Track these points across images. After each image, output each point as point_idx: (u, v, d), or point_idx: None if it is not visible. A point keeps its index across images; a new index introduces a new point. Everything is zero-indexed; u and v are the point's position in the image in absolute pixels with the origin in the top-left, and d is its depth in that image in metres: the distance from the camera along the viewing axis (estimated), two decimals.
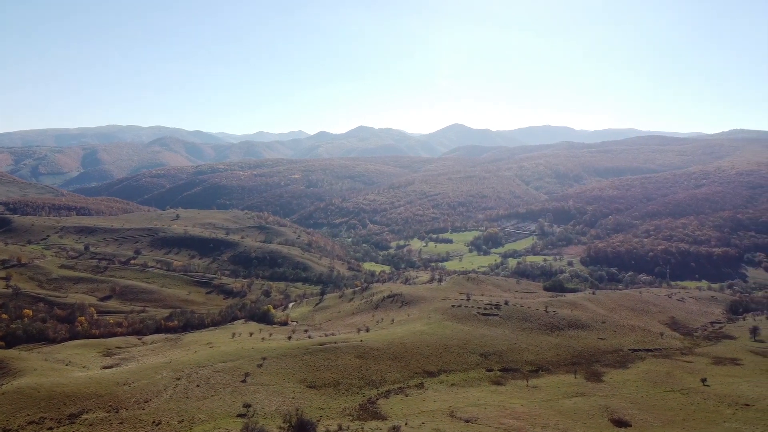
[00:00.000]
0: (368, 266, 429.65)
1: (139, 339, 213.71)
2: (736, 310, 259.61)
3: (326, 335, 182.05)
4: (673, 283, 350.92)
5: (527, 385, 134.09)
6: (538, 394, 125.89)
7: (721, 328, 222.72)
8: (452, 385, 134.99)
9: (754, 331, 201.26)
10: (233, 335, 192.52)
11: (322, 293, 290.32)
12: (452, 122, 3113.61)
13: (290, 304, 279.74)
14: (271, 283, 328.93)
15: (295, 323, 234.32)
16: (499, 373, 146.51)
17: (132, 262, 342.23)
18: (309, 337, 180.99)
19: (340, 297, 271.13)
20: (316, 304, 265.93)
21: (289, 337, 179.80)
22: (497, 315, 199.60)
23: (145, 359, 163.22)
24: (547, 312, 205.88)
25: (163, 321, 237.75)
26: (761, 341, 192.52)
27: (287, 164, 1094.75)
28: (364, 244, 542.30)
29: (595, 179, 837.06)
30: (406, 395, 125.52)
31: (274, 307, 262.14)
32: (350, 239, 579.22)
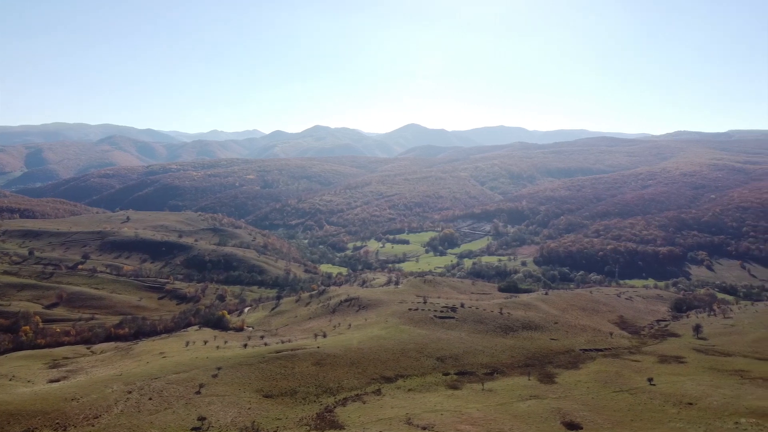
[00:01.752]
0: (325, 268, 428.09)
1: (88, 348, 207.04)
2: (680, 308, 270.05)
3: (283, 342, 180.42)
4: (621, 281, 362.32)
5: (483, 389, 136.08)
6: (494, 398, 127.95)
7: (666, 326, 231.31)
8: (409, 390, 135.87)
9: (697, 328, 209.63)
10: (187, 344, 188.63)
11: (279, 297, 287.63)
12: (408, 122, 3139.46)
13: (246, 309, 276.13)
14: (225, 287, 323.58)
15: (251, 329, 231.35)
16: (455, 376, 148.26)
17: (80, 267, 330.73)
18: (265, 344, 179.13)
19: (297, 301, 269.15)
20: (273, 309, 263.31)
21: (245, 345, 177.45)
22: (453, 318, 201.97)
23: (95, 371, 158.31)
24: (501, 314, 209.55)
25: (113, 329, 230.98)
26: (704, 338, 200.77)
27: (242, 164, 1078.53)
28: (320, 246, 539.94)
29: (547, 180, 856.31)
30: (364, 402, 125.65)
31: (229, 312, 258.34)
32: (307, 241, 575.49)
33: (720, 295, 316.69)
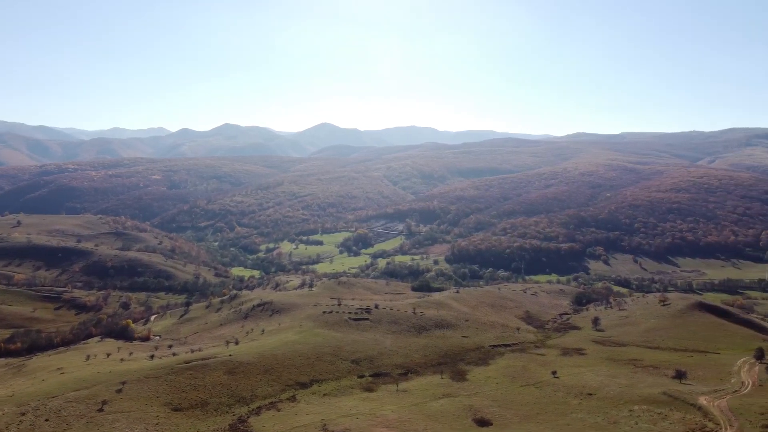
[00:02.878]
0: (237, 271, 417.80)
1: None
2: (580, 302, 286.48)
3: (193, 351, 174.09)
4: (527, 277, 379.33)
5: (397, 390, 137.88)
6: (408, 398, 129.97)
7: (568, 319, 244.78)
8: (325, 395, 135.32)
9: (596, 321, 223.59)
10: (88, 357, 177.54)
11: (188, 303, 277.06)
12: (321, 121, 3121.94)
13: (152, 317, 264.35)
14: (130, 294, 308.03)
15: (158, 338, 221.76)
16: (370, 378, 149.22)
17: None
18: (174, 354, 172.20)
19: (207, 307, 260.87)
20: (181, 316, 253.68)
21: (152, 356, 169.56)
22: (368, 319, 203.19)
23: None
24: (415, 313, 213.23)
25: (2, 344, 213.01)
26: (601, 330, 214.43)
27: (147, 164, 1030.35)
28: (232, 248, 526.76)
29: (458, 179, 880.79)
30: (279, 410, 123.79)
31: (134, 321, 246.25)
32: (217, 243, 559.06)
33: (616, 288, 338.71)
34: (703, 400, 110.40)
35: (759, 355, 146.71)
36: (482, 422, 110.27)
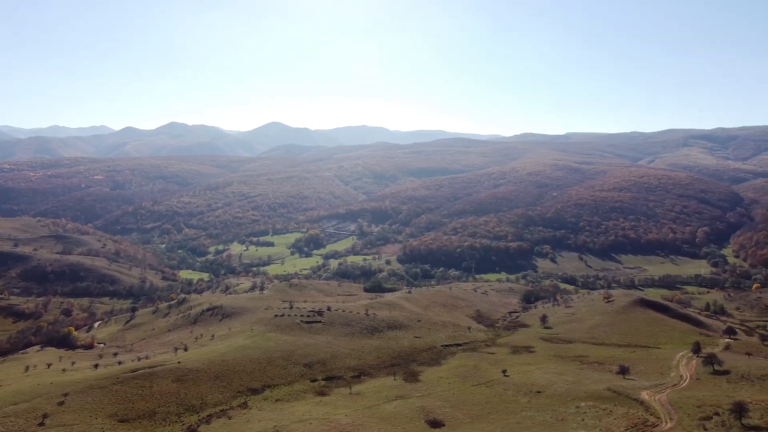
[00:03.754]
0: (185, 274, 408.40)
1: None
2: (529, 300, 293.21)
3: (139, 358, 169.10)
4: (478, 276, 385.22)
5: (350, 393, 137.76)
6: (361, 401, 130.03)
7: (518, 317, 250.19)
8: (277, 400, 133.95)
9: (544, 318, 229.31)
10: (27, 368, 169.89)
11: (134, 309, 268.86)
12: (271, 120, 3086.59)
13: (96, 324, 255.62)
14: (72, 300, 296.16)
15: (102, 345, 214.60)
16: (323, 382, 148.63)
17: None
18: (119, 362, 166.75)
19: (155, 312, 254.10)
20: (127, 322, 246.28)
21: (96, 365, 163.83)
22: (320, 322, 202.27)
23: None
24: (367, 315, 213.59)
25: None
26: (549, 327, 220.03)
27: (89, 163, 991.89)
28: (179, 251, 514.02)
29: (409, 179, 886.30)
30: (230, 418, 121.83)
31: (76, 329, 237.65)
32: (164, 246, 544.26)
33: (563, 286, 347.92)
34: (645, 395, 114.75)
35: (696, 349, 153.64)
36: (435, 423, 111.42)
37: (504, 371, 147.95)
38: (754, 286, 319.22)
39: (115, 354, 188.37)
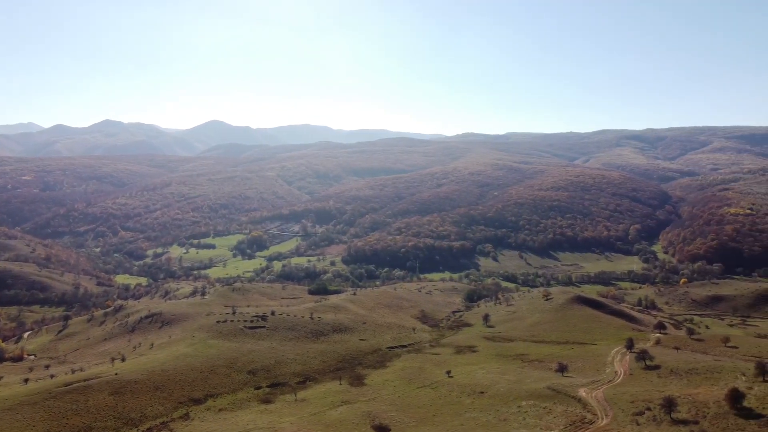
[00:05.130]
0: (122, 279, 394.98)
1: None
2: (472, 298, 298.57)
3: (74, 371, 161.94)
4: (422, 276, 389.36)
5: (296, 399, 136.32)
6: (307, 408, 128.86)
7: (461, 316, 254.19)
8: (220, 410, 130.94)
9: (486, 317, 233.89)
10: None
11: (67, 317, 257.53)
12: (211, 118, 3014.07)
13: (26, 334, 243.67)
14: None
15: (33, 357, 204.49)
16: (267, 389, 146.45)
17: None
18: (52, 376, 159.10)
19: (89, 320, 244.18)
20: (60, 331, 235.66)
21: (26, 380, 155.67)
22: (264, 327, 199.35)
23: None
24: (312, 318, 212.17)
25: None
26: (491, 326, 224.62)
27: (15, 163, 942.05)
28: (115, 255, 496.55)
29: (353, 179, 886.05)
30: (171, 430, 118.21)
31: (4, 340, 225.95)
32: (99, 249, 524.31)
33: (504, 284, 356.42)
34: (582, 392, 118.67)
35: (629, 345, 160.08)
36: (381, 428, 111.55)
37: (448, 372, 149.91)
38: (682, 280, 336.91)
39: (47, 366, 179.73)
